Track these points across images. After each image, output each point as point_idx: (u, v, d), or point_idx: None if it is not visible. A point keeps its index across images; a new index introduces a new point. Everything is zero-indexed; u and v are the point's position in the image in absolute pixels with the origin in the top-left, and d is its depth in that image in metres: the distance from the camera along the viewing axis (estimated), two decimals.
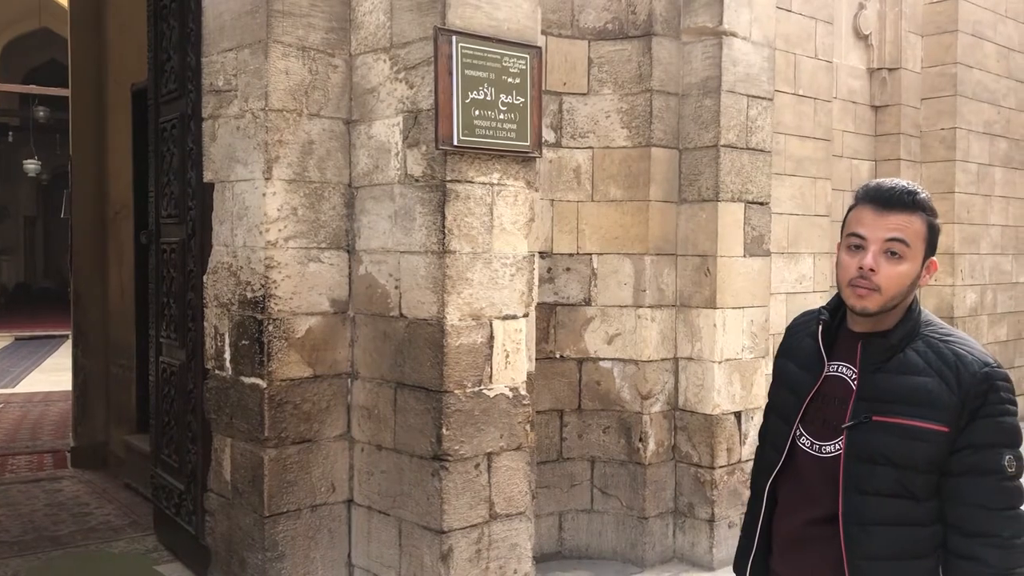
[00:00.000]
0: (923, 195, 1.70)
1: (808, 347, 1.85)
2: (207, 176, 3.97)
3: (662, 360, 4.66)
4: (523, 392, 3.64)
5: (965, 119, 7.77)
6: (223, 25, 3.83)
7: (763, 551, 1.88)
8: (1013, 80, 8.45)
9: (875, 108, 7.48)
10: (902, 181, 1.72)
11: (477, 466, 3.50)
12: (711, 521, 4.54)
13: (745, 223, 4.64)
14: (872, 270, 1.66)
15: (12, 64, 21.30)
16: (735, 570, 2.03)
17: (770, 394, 1.99)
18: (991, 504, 1.63)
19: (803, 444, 1.79)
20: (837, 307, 1.83)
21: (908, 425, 1.65)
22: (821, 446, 1.75)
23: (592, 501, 4.72)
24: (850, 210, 1.76)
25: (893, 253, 1.67)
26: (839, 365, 1.78)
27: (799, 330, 1.93)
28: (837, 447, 1.72)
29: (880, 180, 1.75)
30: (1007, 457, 1.64)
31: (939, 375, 1.66)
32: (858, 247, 1.69)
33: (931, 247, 1.71)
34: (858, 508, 1.68)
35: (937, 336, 1.72)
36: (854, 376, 1.74)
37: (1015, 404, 1.68)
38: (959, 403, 1.63)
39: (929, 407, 1.64)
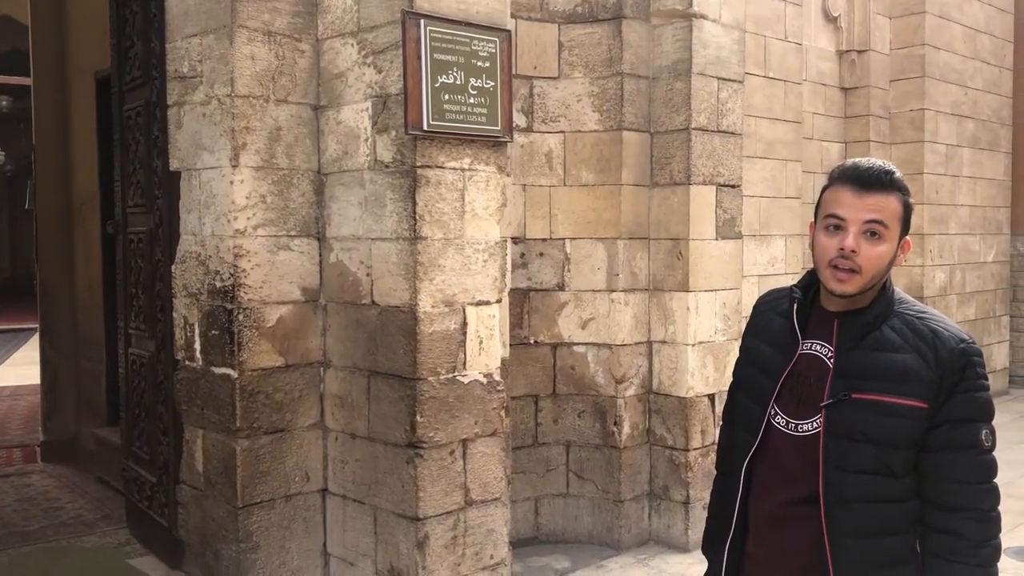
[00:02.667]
0: (898, 175, 1.70)
1: (778, 326, 1.83)
2: (173, 164, 3.91)
3: (636, 344, 4.67)
4: (497, 378, 3.63)
5: (933, 100, 7.83)
6: (187, 10, 3.76)
7: (739, 532, 1.85)
8: (979, 61, 8.53)
9: (844, 90, 7.52)
10: (878, 161, 1.71)
11: (452, 453, 3.49)
12: (686, 503, 4.57)
13: (717, 206, 4.64)
14: (854, 251, 1.64)
15: None
16: (705, 552, 2.01)
17: (736, 373, 1.96)
18: (969, 478, 1.64)
19: (778, 423, 1.77)
20: (808, 285, 1.82)
21: (887, 402, 1.65)
22: (797, 425, 1.74)
23: (568, 485, 4.73)
24: (825, 190, 1.74)
25: (873, 234, 1.66)
26: (813, 343, 1.77)
27: (766, 308, 1.92)
28: (815, 425, 1.71)
29: (856, 160, 1.73)
30: (984, 431, 1.65)
31: (916, 351, 1.66)
32: (837, 228, 1.67)
33: (906, 226, 1.71)
34: (838, 486, 1.68)
35: (912, 313, 1.72)
36: (830, 354, 1.73)
37: (988, 379, 1.70)
38: (937, 379, 1.63)
39: (907, 383, 1.64)
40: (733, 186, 4.74)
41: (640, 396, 4.70)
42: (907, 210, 1.70)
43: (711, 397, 4.66)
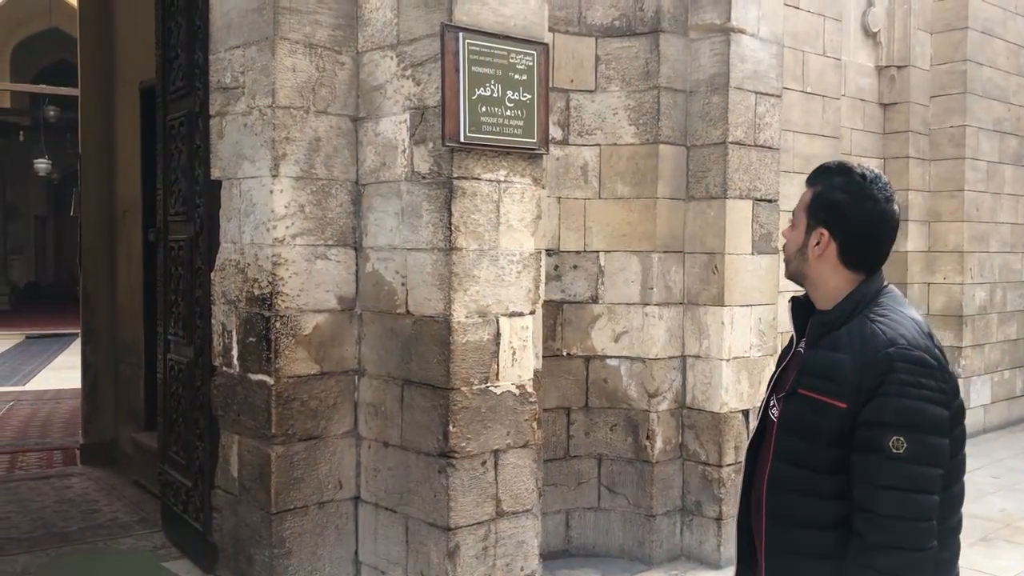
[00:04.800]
0: (827, 165, 1.83)
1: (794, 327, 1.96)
2: (215, 173, 3.98)
3: (669, 358, 4.65)
4: (530, 390, 3.64)
5: (975, 116, 7.73)
6: (230, 22, 3.84)
7: (744, 512, 1.97)
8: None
9: (884, 106, 7.45)
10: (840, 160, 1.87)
11: (484, 463, 3.50)
12: (719, 519, 4.53)
13: (753, 220, 4.62)
14: (783, 235, 1.89)
15: (23, 64, 21.39)
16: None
17: None
18: (875, 480, 1.63)
19: (772, 415, 1.87)
20: None
21: (813, 398, 1.72)
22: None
23: (599, 499, 4.72)
24: None
25: (791, 222, 1.87)
26: (803, 341, 1.87)
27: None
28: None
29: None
30: (893, 438, 1.62)
31: (851, 351, 1.69)
32: None
33: (814, 217, 1.79)
34: (776, 474, 1.78)
35: (873, 314, 1.73)
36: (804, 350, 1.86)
37: (923, 387, 1.64)
38: (858, 380, 1.65)
39: (832, 382, 1.69)
40: (770, 201, 4.72)
41: (673, 411, 4.68)
42: (817, 199, 1.79)
43: (745, 413, 4.62)
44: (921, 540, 1.63)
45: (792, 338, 1.93)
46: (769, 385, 1.94)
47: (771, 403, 1.88)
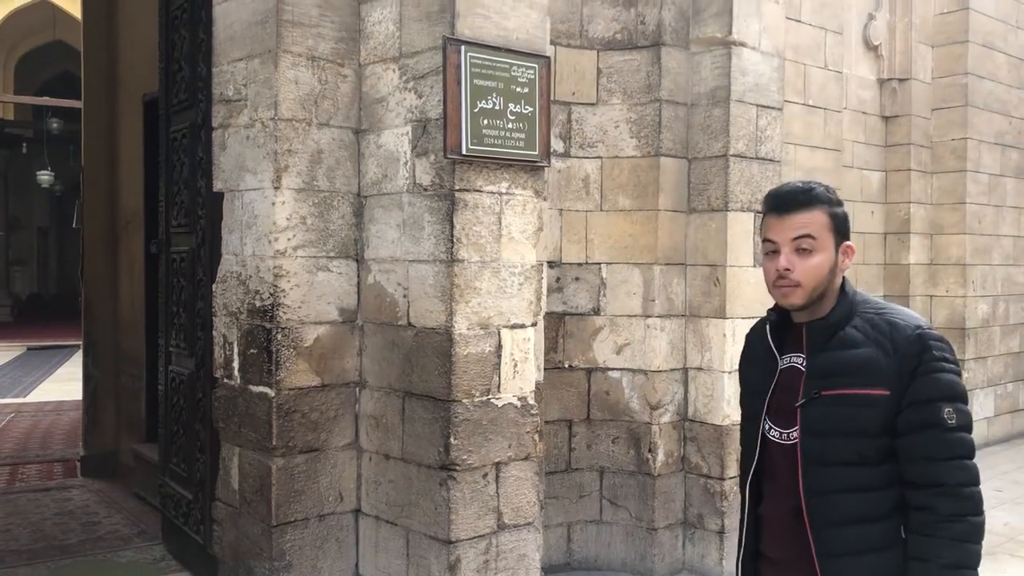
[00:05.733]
0: (818, 189, 1.82)
1: (761, 348, 1.96)
2: (217, 185, 3.98)
3: (671, 370, 4.64)
4: (531, 402, 3.63)
5: (976, 129, 7.74)
6: (233, 35, 3.85)
7: (751, 540, 1.96)
8: None
9: (885, 119, 7.46)
10: (796, 182, 1.86)
11: (485, 476, 3.48)
12: (721, 532, 4.51)
13: (755, 233, 4.62)
14: (788, 269, 1.79)
15: (26, 76, 21.48)
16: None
17: (741, 403, 2.08)
18: (936, 455, 1.72)
19: (773, 436, 1.89)
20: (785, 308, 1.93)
21: (853, 394, 1.76)
22: (787, 433, 1.86)
23: (601, 512, 4.70)
24: (762, 219, 1.90)
25: (803, 249, 1.79)
26: (791, 356, 1.89)
27: (753, 337, 2.04)
28: (797, 429, 1.83)
29: (778, 186, 1.90)
30: (946, 409, 1.73)
31: (876, 344, 1.77)
32: (774, 252, 1.82)
33: (840, 233, 1.83)
34: (816, 479, 1.78)
35: (872, 311, 1.83)
36: (803, 361, 1.86)
37: (951, 362, 1.77)
38: (897, 366, 1.74)
39: (869, 374, 1.75)
40: None
41: (675, 423, 4.67)
42: (835, 218, 1.82)
43: None
44: (981, 504, 1.75)
45: (755, 360, 1.97)
46: (763, 412, 1.91)
47: (767, 426, 1.90)
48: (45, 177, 20.45)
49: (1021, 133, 8.38)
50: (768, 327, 1.94)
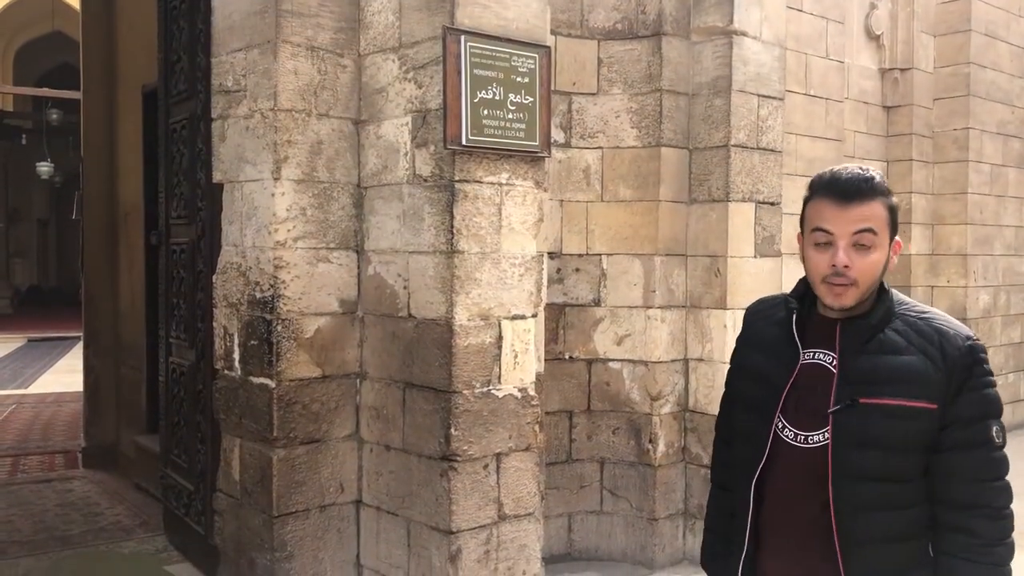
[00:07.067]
0: (879, 179, 1.66)
1: (774, 336, 1.79)
2: (216, 176, 3.97)
3: (672, 361, 4.64)
4: (532, 393, 3.63)
5: (978, 119, 7.71)
6: (232, 25, 3.84)
7: (751, 548, 1.79)
8: None
9: (887, 108, 7.44)
10: (856, 168, 1.68)
11: (486, 467, 3.49)
12: None
13: (756, 223, 4.61)
14: (847, 267, 1.62)
15: (26, 67, 21.45)
16: (704, 566, 1.98)
17: (732, 385, 1.93)
18: (982, 476, 1.63)
19: (787, 437, 1.72)
20: (803, 294, 1.78)
21: (897, 405, 1.61)
22: (806, 436, 1.69)
23: (601, 502, 4.70)
24: (807, 202, 1.71)
25: (863, 245, 1.63)
26: (816, 352, 1.72)
27: (757, 319, 1.88)
28: (825, 436, 1.67)
29: (835, 169, 1.69)
30: (995, 428, 1.64)
31: (923, 352, 1.63)
32: (826, 244, 1.65)
33: (894, 229, 1.67)
34: (850, 494, 1.64)
35: (914, 314, 1.70)
36: (834, 361, 1.69)
37: (991, 375, 1.68)
38: (946, 379, 1.61)
39: (916, 385, 1.61)
40: (773, 203, 4.71)
41: (676, 414, 4.67)
42: (892, 213, 1.66)
43: None
44: (1014, 522, 1.66)
45: (765, 347, 1.80)
46: (776, 408, 1.73)
47: (780, 425, 1.72)
48: (44, 168, 20.42)
49: (1023, 122, 8.35)
50: (794, 317, 1.76)
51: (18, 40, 20.82)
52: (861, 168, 1.67)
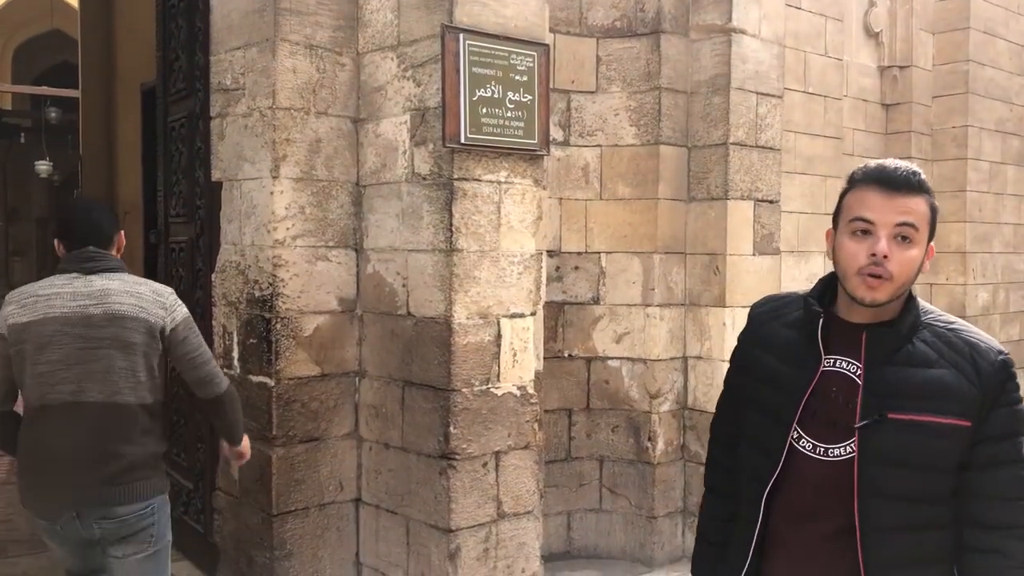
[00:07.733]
0: (923, 175, 1.60)
1: (788, 338, 1.69)
2: (215, 175, 3.97)
3: (671, 359, 4.64)
4: (531, 391, 3.63)
5: (977, 117, 7.71)
6: (231, 24, 3.83)
7: (755, 563, 1.70)
8: None
9: (886, 106, 7.43)
10: (903, 162, 1.60)
11: (485, 465, 3.49)
12: None
13: (755, 221, 4.61)
14: (887, 256, 1.53)
15: (24, 66, 21.42)
16: None
17: (733, 386, 1.84)
18: (1012, 494, 1.56)
19: (803, 448, 1.62)
20: (821, 297, 1.69)
21: (928, 422, 1.53)
22: (826, 449, 1.60)
23: (601, 500, 4.71)
24: (846, 192, 1.63)
25: (904, 238, 1.55)
26: (837, 360, 1.63)
27: (767, 319, 1.77)
28: (848, 450, 1.57)
29: (882, 161, 1.62)
30: None
31: (955, 366, 1.56)
32: (865, 232, 1.55)
33: (932, 231, 1.60)
34: (877, 514, 1.55)
35: (941, 325, 1.62)
36: (858, 371, 1.60)
37: (1020, 390, 1.61)
38: (980, 395, 1.54)
39: (948, 401, 1.54)
40: (771, 201, 4.71)
41: (675, 412, 4.67)
42: (934, 213, 1.59)
43: None
44: None
45: (777, 350, 1.70)
46: (794, 417, 1.63)
47: (795, 435, 1.63)
48: (43, 167, 20.38)
49: (1022, 120, 8.35)
50: (820, 321, 1.64)
51: (17, 38, 20.80)
52: (909, 164, 1.61)
